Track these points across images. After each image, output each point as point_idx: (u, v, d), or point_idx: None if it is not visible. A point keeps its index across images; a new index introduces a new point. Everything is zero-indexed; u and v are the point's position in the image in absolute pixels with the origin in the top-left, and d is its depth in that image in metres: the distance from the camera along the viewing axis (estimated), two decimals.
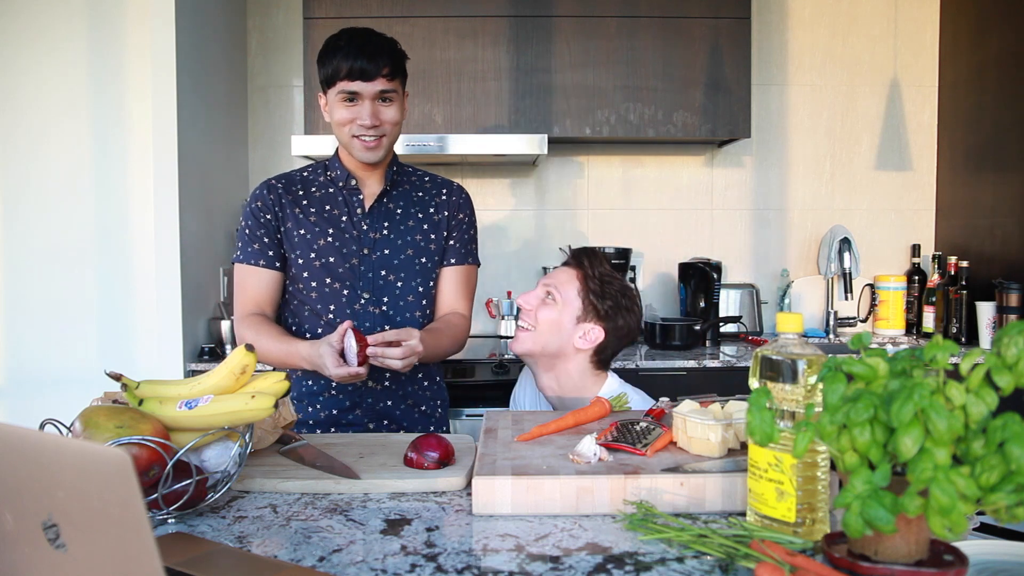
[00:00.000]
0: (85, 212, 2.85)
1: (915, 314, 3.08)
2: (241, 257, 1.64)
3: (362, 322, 1.62)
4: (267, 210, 1.64)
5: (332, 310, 1.62)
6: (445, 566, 0.86)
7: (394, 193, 1.68)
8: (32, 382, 2.86)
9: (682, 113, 2.83)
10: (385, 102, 1.57)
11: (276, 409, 1.09)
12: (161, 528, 0.99)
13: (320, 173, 1.69)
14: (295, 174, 1.70)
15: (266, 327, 1.59)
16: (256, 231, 1.63)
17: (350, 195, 1.65)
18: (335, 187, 1.66)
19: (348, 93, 1.55)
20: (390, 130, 1.59)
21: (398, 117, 1.60)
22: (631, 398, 1.47)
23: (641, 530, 0.94)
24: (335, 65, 1.54)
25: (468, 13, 2.79)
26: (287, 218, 1.63)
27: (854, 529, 0.70)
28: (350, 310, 1.62)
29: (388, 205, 1.67)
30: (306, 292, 1.63)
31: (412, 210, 1.68)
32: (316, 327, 1.63)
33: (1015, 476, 0.67)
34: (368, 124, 1.55)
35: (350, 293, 1.62)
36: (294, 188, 1.66)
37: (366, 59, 1.52)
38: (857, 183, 3.25)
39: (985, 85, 2.91)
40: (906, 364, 0.77)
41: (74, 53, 2.83)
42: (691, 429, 1.13)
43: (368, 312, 1.63)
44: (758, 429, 0.81)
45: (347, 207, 1.65)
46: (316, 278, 1.62)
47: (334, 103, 1.58)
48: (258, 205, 1.64)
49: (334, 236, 1.63)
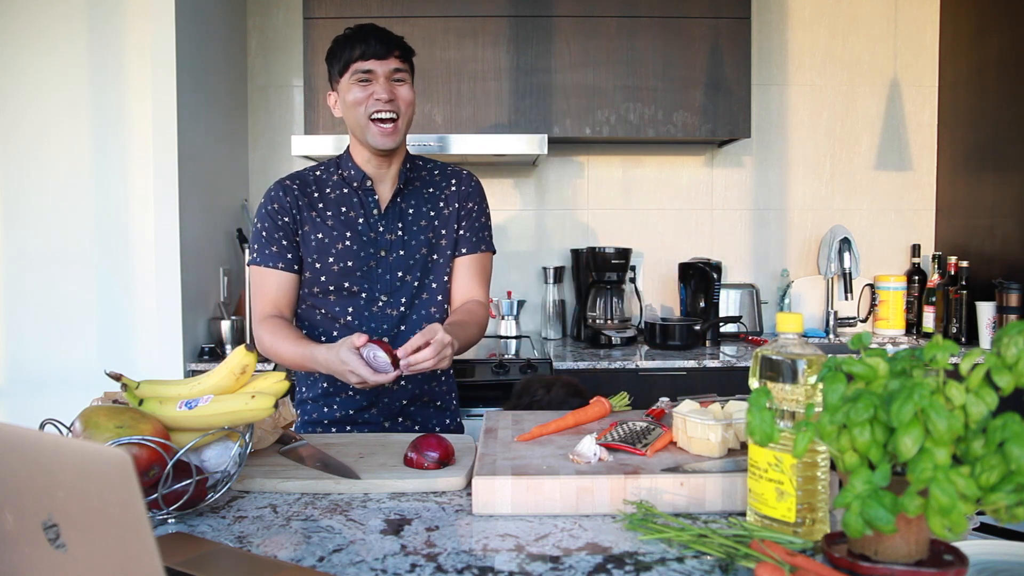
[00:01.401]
0: (85, 212, 2.85)
1: (915, 314, 3.08)
2: (259, 260, 1.62)
3: (380, 324, 1.61)
4: (285, 212, 1.61)
5: (350, 312, 1.61)
6: (445, 566, 0.86)
7: (406, 191, 1.67)
8: (32, 382, 2.86)
9: (682, 113, 2.83)
10: (399, 82, 1.58)
11: (276, 409, 1.09)
12: (161, 528, 0.99)
13: (333, 172, 1.67)
14: (307, 174, 1.67)
15: (284, 330, 1.56)
16: (274, 233, 1.61)
17: (365, 196, 1.64)
18: (350, 188, 1.64)
19: (363, 73, 1.55)
20: (404, 110, 1.59)
21: (411, 97, 1.60)
22: None
23: (641, 530, 0.94)
24: (349, 51, 1.56)
25: (468, 13, 2.79)
26: (305, 221, 1.61)
27: (854, 529, 0.70)
28: (368, 312, 1.61)
29: (401, 205, 1.66)
30: (323, 296, 1.61)
31: (424, 208, 1.67)
32: (332, 330, 1.62)
33: (1015, 476, 0.67)
34: (385, 98, 1.55)
35: (368, 296, 1.61)
36: (309, 190, 1.64)
37: (378, 42, 1.55)
38: (857, 183, 3.25)
39: (985, 85, 2.91)
40: (906, 364, 0.77)
41: (74, 53, 2.83)
42: (691, 429, 1.13)
43: (386, 314, 1.62)
44: (758, 429, 0.81)
45: (363, 209, 1.63)
46: (334, 282, 1.60)
47: (348, 87, 1.57)
48: (275, 207, 1.62)
49: (352, 239, 1.61)
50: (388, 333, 1.61)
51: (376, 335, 1.58)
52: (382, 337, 1.58)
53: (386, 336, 1.60)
